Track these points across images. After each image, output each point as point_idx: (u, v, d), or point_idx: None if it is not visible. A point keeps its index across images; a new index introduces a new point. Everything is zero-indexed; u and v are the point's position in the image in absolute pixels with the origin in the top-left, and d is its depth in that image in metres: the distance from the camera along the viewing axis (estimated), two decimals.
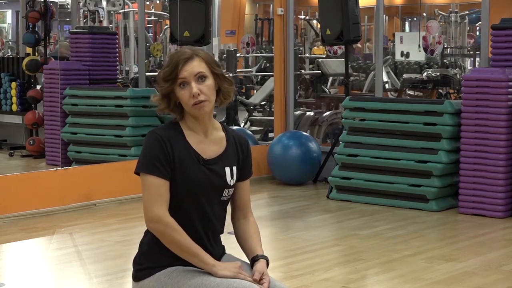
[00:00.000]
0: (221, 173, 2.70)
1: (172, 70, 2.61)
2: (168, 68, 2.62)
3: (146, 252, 2.70)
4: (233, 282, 2.53)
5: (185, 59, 2.61)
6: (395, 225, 6.37)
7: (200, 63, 2.62)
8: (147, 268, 2.67)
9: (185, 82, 2.61)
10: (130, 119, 8.35)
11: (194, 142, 2.68)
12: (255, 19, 16.04)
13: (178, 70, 2.60)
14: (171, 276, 2.62)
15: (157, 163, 2.60)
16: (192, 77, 2.61)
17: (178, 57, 2.62)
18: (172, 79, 2.61)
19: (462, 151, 6.79)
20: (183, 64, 2.61)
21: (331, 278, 4.82)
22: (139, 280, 2.69)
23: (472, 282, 4.75)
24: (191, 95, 2.60)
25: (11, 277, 5.00)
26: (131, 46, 12.62)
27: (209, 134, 2.71)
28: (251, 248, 2.74)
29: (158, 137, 2.62)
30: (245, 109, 11.31)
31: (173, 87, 2.62)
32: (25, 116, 9.67)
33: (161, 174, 2.60)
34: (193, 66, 2.61)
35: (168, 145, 2.62)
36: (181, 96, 2.62)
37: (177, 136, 2.66)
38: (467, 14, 13.96)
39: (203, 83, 2.62)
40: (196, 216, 2.66)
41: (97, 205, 7.07)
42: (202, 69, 2.62)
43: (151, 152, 2.62)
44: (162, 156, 2.60)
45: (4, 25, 20.37)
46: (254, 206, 2.89)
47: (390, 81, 12.46)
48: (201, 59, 2.63)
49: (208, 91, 2.62)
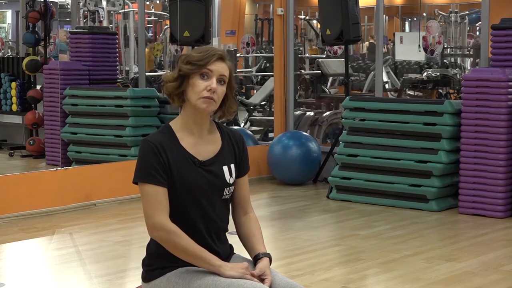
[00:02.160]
0: (219, 173, 2.70)
1: (204, 58, 2.63)
2: (201, 54, 2.64)
3: (154, 253, 2.69)
4: (243, 282, 2.53)
5: (219, 55, 2.66)
6: (395, 225, 6.37)
7: (227, 69, 2.68)
8: (158, 268, 2.67)
9: (209, 75, 2.63)
10: (130, 119, 8.35)
11: (188, 145, 2.68)
12: (255, 19, 16.03)
13: (209, 61, 2.63)
14: (182, 276, 2.62)
15: (153, 171, 2.60)
16: (217, 75, 2.64)
17: (214, 51, 2.66)
18: (200, 65, 2.63)
19: (462, 151, 6.79)
20: (216, 58, 2.65)
21: (331, 278, 4.82)
22: (150, 280, 2.69)
23: (472, 282, 4.75)
24: (208, 88, 2.62)
25: (11, 277, 5.00)
26: (131, 46, 12.61)
27: (203, 134, 2.71)
28: (254, 246, 2.74)
29: (151, 145, 2.63)
30: (245, 109, 11.31)
31: (194, 73, 2.64)
32: (25, 116, 9.67)
33: (158, 182, 2.60)
34: (223, 67, 2.66)
35: (162, 152, 2.62)
36: (197, 84, 2.63)
37: (170, 142, 2.66)
38: (467, 14, 13.95)
39: (221, 86, 2.66)
40: (199, 217, 2.66)
41: (97, 205, 7.07)
42: (227, 74, 2.67)
43: (146, 160, 2.63)
44: (157, 164, 2.61)
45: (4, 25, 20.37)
46: (254, 206, 2.89)
47: (390, 81, 12.46)
48: (228, 66, 2.69)
49: (220, 95, 2.66)
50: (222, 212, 2.74)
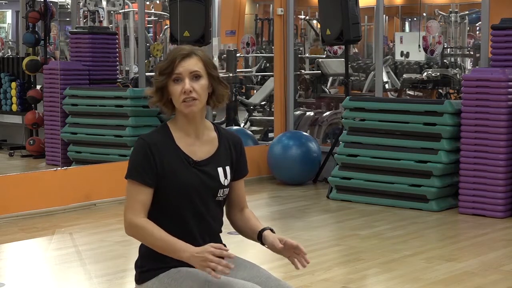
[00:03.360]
0: (214, 174, 2.69)
1: (168, 64, 2.62)
2: (165, 62, 2.63)
3: (145, 255, 2.69)
4: (236, 283, 2.53)
5: (182, 55, 2.62)
6: (395, 225, 6.37)
7: (197, 62, 2.63)
8: (150, 270, 2.67)
9: (180, 77, 2.61)
10: (130, 119, 8.35)
11: (184, 144, 2.67)
12: (255, 19, 16.04)
13: (174, 65, 2.61)
14: (174, 277, 2.61)
15: (139, 169, 2.61)
16: (187, 74, 2.61)
17: (176, 52, 2.63)
18: (168, 73, 2.62)
19: (462, 151, 6.79)
20: (180, 60, 2.61)
21: (331, 278, 4.82)
22: (143, 282, 2.69)
23: (472, 282, 4.75)
24: (183, 91, 2.60)
25: (11, 277, 5.00)
26: (131, 46, 12.61)
27: (200, 135, 2.70)
28: (253, 227, 2.74)
29: (144, 144, 2.64)
30: (245, 109, 11.31)
31: (167, 81, 2.63)
32: (25, 116, 9.67)
33: (141, 180, 2.61)
34: (190, 63, 2.62)
35: (155, 151, 2.62)
36: (173, 91, 2.62)
37: (166, 141, 2.65)
38: (467, 14, 13.94)
39: (197, 82, 2.62)
40: (191, 217, 2.65)
41: (97, 205, 7.07)
42: (198, 68, 2.63)
43: (135, 158, 2.64)
44: (146, 163, 2.61)
45: (4, 25, 20.36)
46: (254, 206, 2.90)
47: (390, 81, 12.46)
48: (199, 58, 2.64)
49: (200, 90, 2.62)
50: (216, 213, 2.72)
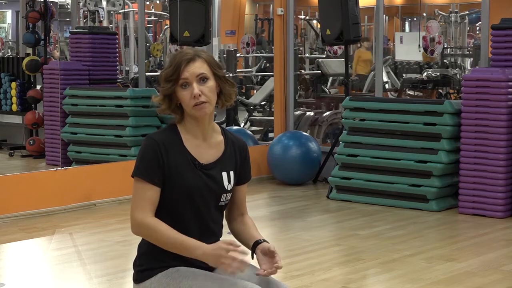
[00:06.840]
0: (218, 178, 2.68)
1: (174, 71, 2.60)
2: (170, 69, 2.61)
3: (145, 254, 2.68)
4: (235, 282, 2.53)
5: (187, 60, 2.60)
6: (395, 225, 6.37)
7: (202, 64, 2.62)
8: (148, 269, 2.66)
9: (187, 83, 2.60)
10: (130, 119, 8.35)
11: (191, 146, 2.66)
12: (255, 19, 16.05)
13: (180, 71, 2.59)
14: (172, 276, 2.61)
15: (147, 167, 2.60)
16: (194, 78, 2.59)
17: (180, 57, 2.61)
18: (174, 79, 2.60)
19: (462, 151, 6.79)
20: (185, 65, 2.59)
21: (331, 278, 4.82)
22: (140, 281, 2.68)
23: (472, 282, 4.75)
24: (192, 96, 2.58)
25: (11, 277, 5.00)
26: (131, 46, 12.61)
27: (208, 138, 2.69)
28: (251, 236, 2.71)
29: (153, 142, 2.62)
30: (245, 109, 11.31)
31: (175, 88, 2.61)
32: (25, 116, 9.67)
33: (148, 178, 2.59)
34: (195, 67, 2.60)
35: (163, 151, 2.61)
36: (182, 97, 2.61)
37: (174, 141, 2.64)
38: (467, 14, 13.96)
39: (205, 84, 2.61)
40: (193, 219, 2.65)
41: (97, 205, 7.07)
42: (204, 70, 2.61)
43: (143, 156, 2.62)
44: (154, 161, 2.60)
45: (4, 25, 20.37)
46: (254, 206, 2.90)
47: (390, 81, 12.47)
48: (203, 60, 2.62)
49: (209, 93, 2.61)
50: (217, 217, 2.72)
